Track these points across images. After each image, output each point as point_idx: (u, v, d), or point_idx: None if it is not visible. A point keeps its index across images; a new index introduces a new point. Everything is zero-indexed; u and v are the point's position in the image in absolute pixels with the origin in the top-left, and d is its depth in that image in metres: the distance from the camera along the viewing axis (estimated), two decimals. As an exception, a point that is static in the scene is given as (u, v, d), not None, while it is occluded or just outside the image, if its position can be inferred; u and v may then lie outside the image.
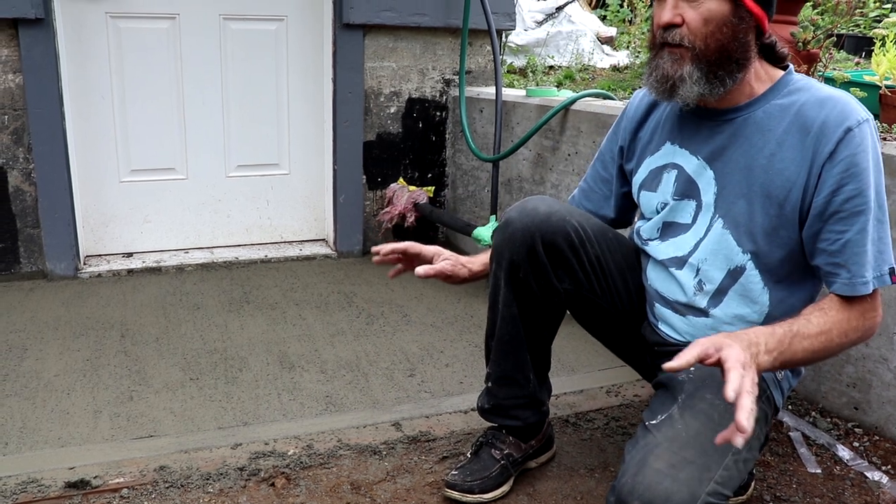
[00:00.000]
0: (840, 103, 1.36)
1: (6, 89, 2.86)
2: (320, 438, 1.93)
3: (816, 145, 1.36)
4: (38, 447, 1.86)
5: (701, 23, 1.37)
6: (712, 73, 1.39)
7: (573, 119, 2.78)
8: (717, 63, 1.38)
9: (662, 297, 1.59)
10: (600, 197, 1.78)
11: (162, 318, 2.68)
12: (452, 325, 2.70)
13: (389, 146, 3.48)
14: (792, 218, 1.40)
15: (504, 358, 1.70)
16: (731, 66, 1.39)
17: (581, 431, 2.01)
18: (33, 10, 2.75)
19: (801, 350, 1.30)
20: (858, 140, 1.33)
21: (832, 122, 1.35)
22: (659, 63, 1.42)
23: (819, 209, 1.36)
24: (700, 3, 1.36)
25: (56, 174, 2.95)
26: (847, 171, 1.33)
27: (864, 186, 1.33)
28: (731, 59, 1.39)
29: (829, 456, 1.89)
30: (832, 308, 1.36)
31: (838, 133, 1.34)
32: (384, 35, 3.34)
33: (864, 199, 1.34)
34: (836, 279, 1.37)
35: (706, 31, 1.37)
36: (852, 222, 1.34)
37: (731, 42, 1.37)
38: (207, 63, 3.23)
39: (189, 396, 2.14)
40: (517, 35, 5.06)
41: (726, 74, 1.40)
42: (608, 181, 1.76)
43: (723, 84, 1.40)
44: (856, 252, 1.34)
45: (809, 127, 1.37)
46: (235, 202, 3.42)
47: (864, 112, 1.36)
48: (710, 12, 1.36)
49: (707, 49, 1.37)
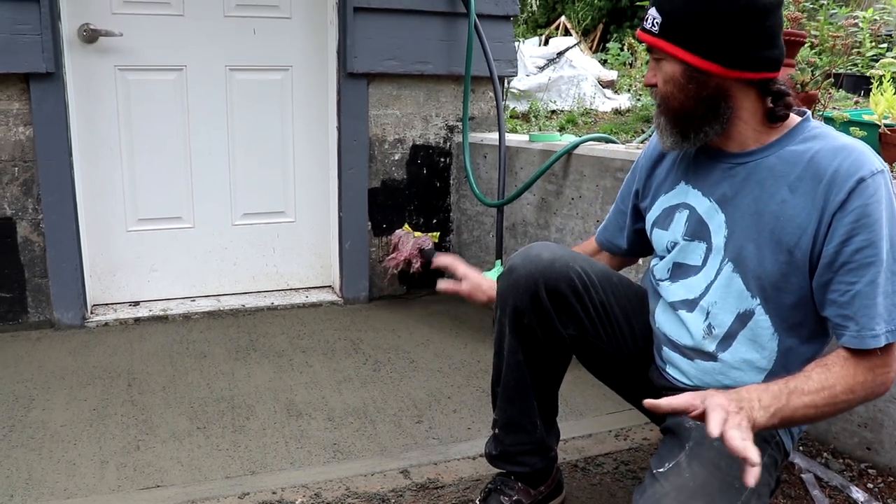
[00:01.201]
0: (854, 153, 1.35)
1: (17, 142, 2.91)
2: (328, 487, 1.92)
3: (828, 194, 1.34)
4: (44, 499, 1.85)
5: (662, 83, 1.45)
6: (678, 127, 1.47)
7: (576, 163, 2.80)
8: (678, 119, 1.46)
9: (671, 341, 1.59)
10: (615, 228, 1.83)
11: (169, 366, 2.68)
12: (459, 370, 2.70)
13: (394, 192, 3.51)
14: (802, 265, 1.39)
15: (510, 404, 1.69)
16: (696, 121, 1.44)
17: (590, 476, 1.99)
18: (44, 64, 2.80)
19: (802, 406, 1.27)
20: (872, 191, 1.32)
21: (844, 171, 1.34)
22: None
23: (829, 259, 1.35)
24: (661, 67, 1.45)
25: (64, 224, 2.98)
26: (858, 222, 1.31)
27: (875, 238, 1.31)
28: (692, 115, 1.44)
29: (842, 498, 1.87)
30: (836, 363, 1.33)
31: (850, 183, 1.32)
32: (388, 83, 3.39)
33: (875, 251, 1.31)
34: (844, 332, 1.34)
35: (666, 91, 1.45)
36: (862, 274, 1.32)
37: (688, 100, 1.43)
38: (214, 113, 3.28)
39: (196, 445, 2.13)
40: (519, 80, 5.13)
41: (691, 129, 1.46)
42: (623, 213, 1.79)
43: (689, 138, 1.47)
44: (865, 304, 1.32)
45: (822, 175, 1.36)
46: (241, 250, 3.44)
47: (879, 163, 1.35)
48: (666, 74, 1.44)
49: (669, 107, 1.46)
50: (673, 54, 1.40)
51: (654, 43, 1.42)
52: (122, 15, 3.06)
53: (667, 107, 1.46)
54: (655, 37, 1.41)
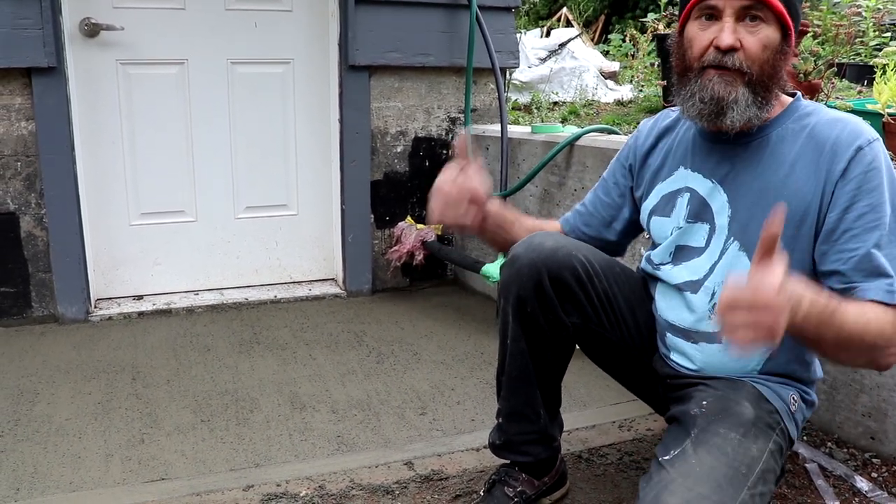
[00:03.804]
0: (850, 124, 1.39)
1: (19, 136, 2.91)
2: (332, 479, 1.92)
3: (829, 164, 1.37)
4: (50, 492, 1.86)
5: (760, 49, 1.38)
6: (761, 98, 1.41)
7: (579, 154, 2.80)
8: (766, 88, 1.40)
9: (673, 326, 1.58)
10: (599, 222, 1.76)
11: (173, 360, 2.69)
12: (463, 362, 2.70)
13: (397, 185, 3.51)
14: (808, 239, 1.40)
15: (514, 394, 1.69)
16: (775, 93, 1.42)
17: (594, 467, 1.99)
18: (46, 59, 2.80)
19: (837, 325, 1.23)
20: (870, 158, 1.35)
21: (844, 140, 1.37)
22: (706, 84, 1.41)
23: (830, 227, 1.37)
24: (759, 30, 1.37)
25: (67, 219, 2.98)
26: (860, 189, 1.34)
27: (876, 202, 1.34)
28: (777, 85, 1.41)
29: (846, 487, 1.86)
30: (868, 306, 1.30)
31: (850, 151, 1.35)
32: (390, 75, 3.39)
33: (877, 215, 1.33)
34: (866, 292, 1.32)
35: (763, 57, 1.38)
36: (865, 238, 1.34)
37: (779, 69, 1.40)
38: (216, 107, 3.27)
39: (200, 438, 2.13)
40: (521, 72, 5.12)
41: (770, 99, 1.42)
42: (611, 206, 1.75)
43: (766, 108, 1.43)
44: (875, 265, 1.32)
45: (822, 145, 1.39)
46: (244, 243, 3.45)
47: (873, 133, 1.38)
48: (767, 39, 1.38)
49: (762, 74, 1.39)
50: (782, 16, 1.37)
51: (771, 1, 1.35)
52: (123, 9, 3.05)
53: (758, 75, 1.38)
54: None
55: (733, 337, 1.11)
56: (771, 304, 1.09)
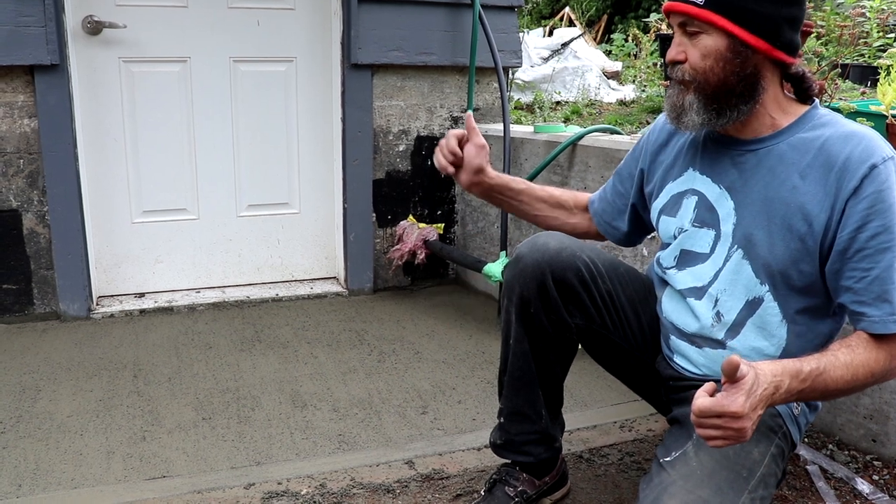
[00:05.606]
0: (865, 140, 1.35)
1: (22, 134, 2.91)
2: (333, 477, 1.92)
3: (840, 181, 1.34)
4: (52, 489, 1.86)
5: (699, 59, 1.40)
6: (712, 105, 1.42)
7: (581, 154, 2.80)
8: (715, 96, 1.41)
9: (678, 329, 1.58)
10: (614, 210, 1.79)
11: (174, 357, 2.69)
12: (464, 361, 2.70)
13: (399, 184, 3.51)
14: (813, 252, 1.38)
15: (515, 393, 1.69)
16: (733, 99, 1.41)
17: (595, 467, 1.99)
18: (49, 56, 2.80)
19: (822, 387, 1.28)
20: (884, 177, 1.32)
21: (856, 158, 1.33)
22: (669, 94, 1.48)
23: (843, 245, 1.34)
24: (699, 41, 1.39)
25: (70, 216, 2.98)
26: (872, 208, 1.31)
27: (890, 223, 1.31)
28: (731, 91, 1.40)
29: (848, 489, 1.86)
30: (859, 346, 1.32)
31: (863, 170, 1.32)
32: (392, 74, 3.39)
33: (890, 236, 1.31)
34: (862, 318, 1.34)
35: (704, 66, 1.40)
36: (878, 259, 1.32)
37: (730, 76, 1.39)
38: (218, 105, 3.27)
39: (202, 436, 2.13)
40: (524, 72, 5.11)
41: (727, 107, 1.41)
42: (623, 195, 1.77)
43: (724, 115, 1.42)
44: (884, 290, 1.32)
45: (833, 163, 1.36)
46: (246, 241, 3.45)
47: (889, 150, 1.35)
48: (706, 48, 1.39)
49: (707, 82, 1.40)
50: (721, 26, 1.37)
51: (699, 14, 1.37)
52: (126, 6, 3.05)
53: (702, 83, 1.41)
54: (700, 7, 1.37)
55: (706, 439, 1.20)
56: (738, 415, 1.16)
